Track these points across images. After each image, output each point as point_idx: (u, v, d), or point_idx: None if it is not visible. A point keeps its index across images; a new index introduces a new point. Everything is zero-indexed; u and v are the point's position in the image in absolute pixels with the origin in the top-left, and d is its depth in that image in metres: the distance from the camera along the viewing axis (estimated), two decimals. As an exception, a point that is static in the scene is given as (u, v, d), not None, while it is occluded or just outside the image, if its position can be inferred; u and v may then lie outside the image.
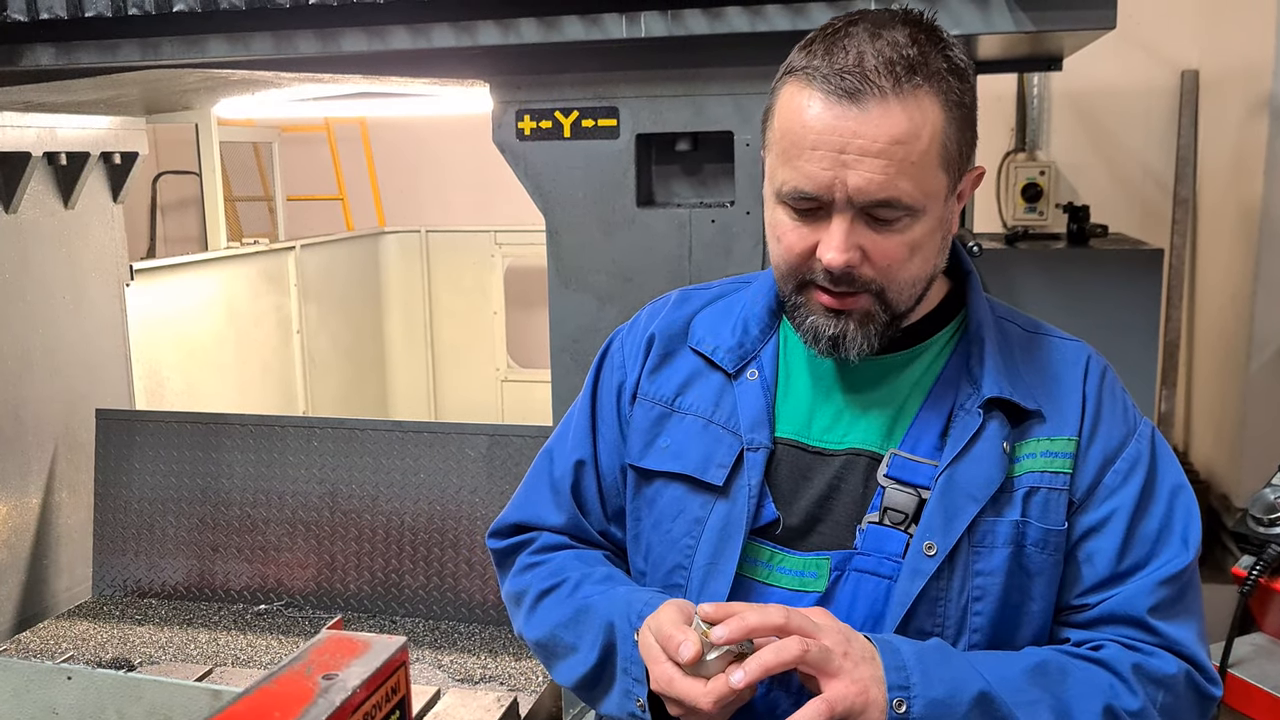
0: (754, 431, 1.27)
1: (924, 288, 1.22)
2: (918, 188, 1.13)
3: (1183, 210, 5.12)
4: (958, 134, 1.15)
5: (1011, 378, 1.24)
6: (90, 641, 2.96)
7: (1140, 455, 1.25)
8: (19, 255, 3.24)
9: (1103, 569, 1.23)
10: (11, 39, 2.27)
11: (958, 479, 1.20)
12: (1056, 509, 1.22)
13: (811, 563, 1.23)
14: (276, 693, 0.84)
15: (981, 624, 1.21)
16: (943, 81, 1.13)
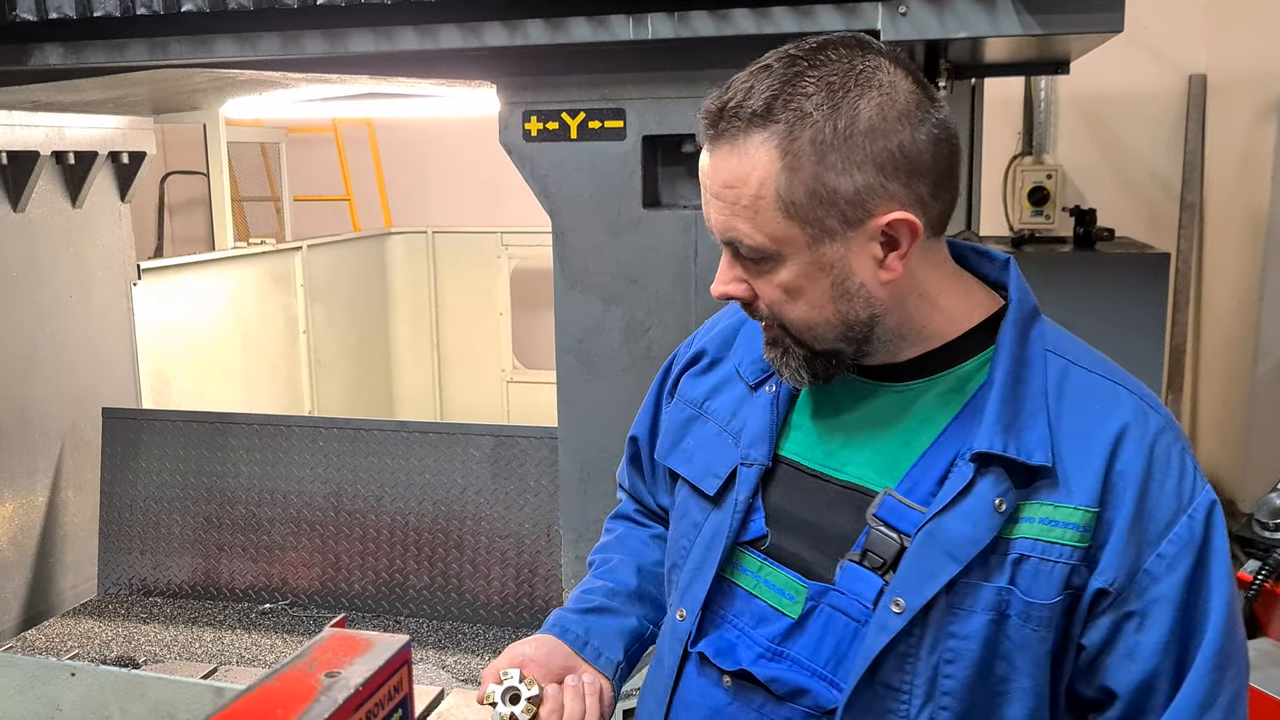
0: (753, 447, 1.27)
1: (841, 331, 1.17)
2: (759, 232, 1.12)
3: (1189, 215, 5.11)
4: (803, 182, 1.10)
5: (1023, 427, 1.13)
6: (95, 639, 2.97)
7: (1191, 537, 1.12)
8: (27, 254, 3.25)
9: (1140, 666, 1.13)
10: (20, 38, 2.28)
11: (940, 534, 1.13)
12: (1046, 582, 1.12)
13: (791, 584, 1.22)
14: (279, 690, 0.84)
15: (953, 688, 1.14)
16: (787, 124, 1.09)
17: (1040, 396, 1.15)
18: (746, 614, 1.25)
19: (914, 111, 1.11)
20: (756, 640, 1.23)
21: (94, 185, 3.45)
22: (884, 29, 1.92)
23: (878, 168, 1.10)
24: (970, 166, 3.49)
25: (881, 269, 1.14)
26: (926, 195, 1.13)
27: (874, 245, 1.13)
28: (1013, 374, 1.16)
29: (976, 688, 1.14)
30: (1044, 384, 1.16)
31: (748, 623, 1.24)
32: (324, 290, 5.43)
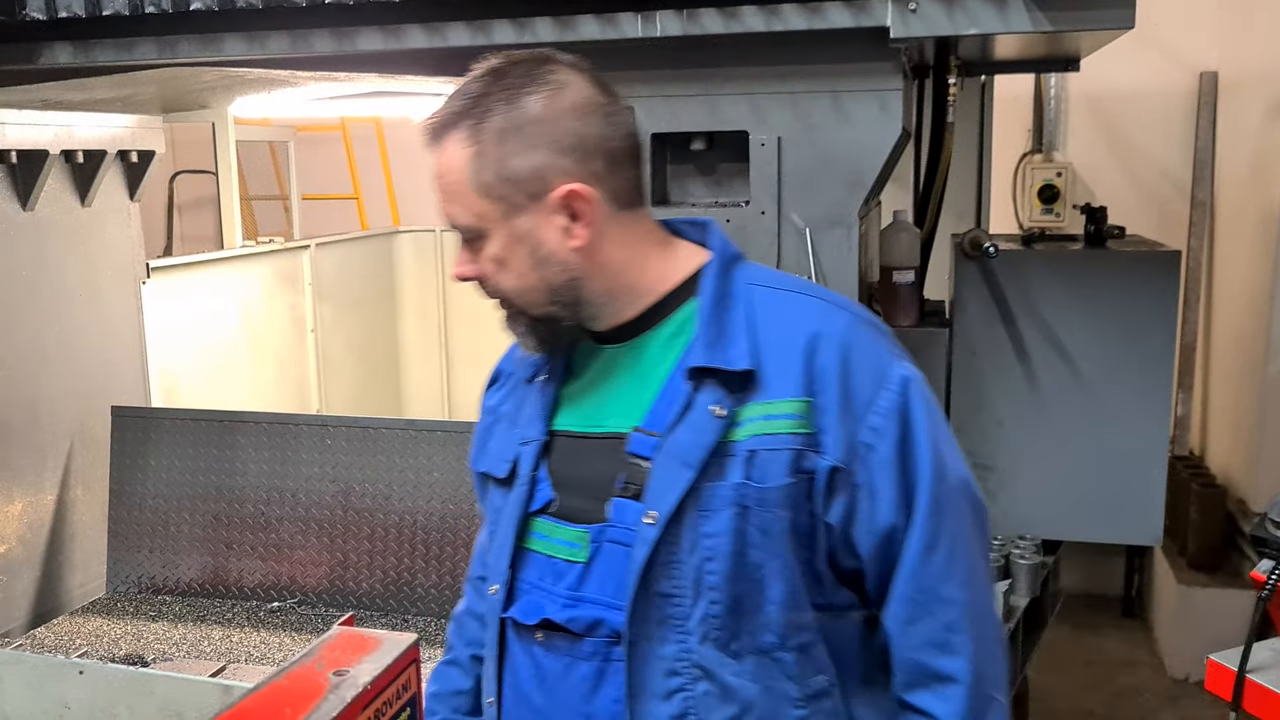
0: (529, 427, 1.46)
1: (548, 295, 1.37)
2: (465, 212, 1.35)
3: (1200, 213, 5.09)
4: (489, 165, 1.32)
5: (725, 343, 1.34)
6: (104, 638, 2.97)
7: (891, 410, 1.33)
8: (36, 253, 3.26)
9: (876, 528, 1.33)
10: (30, 37, 2.28)
11: (672, 448, 1.32)
12: (777, 468, 1.31)
13: (577, 535, 1.39)
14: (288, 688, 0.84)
15: (717, 582, 1.32)
16: (471, 123, 1.33)
17: (743, 319, 1.36)
18: (548, 574, 1.41)
19: (583, 104, 1.34)
20: (557, 593, 1.39)
21: (103, 184, 3.45)
22: (893, 25, 1.91)
23: (551, 149, 1.32)
24: (980, 164, 3.48)
25: (569, 237, 1.34)
26: (601, 171, 1.34)
27: (559, 217, 1.34)
28: (715, 304, 1.37)
29: (737, 577, 1.32)
30: (747, 310, 1.37)
31: (549, 582, 1.41)
32: (332, 289, 5.43)
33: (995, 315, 2.75)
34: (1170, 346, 2.75)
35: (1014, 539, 2.71)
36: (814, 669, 1.37)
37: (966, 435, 2.80)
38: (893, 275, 2.70)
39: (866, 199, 2.18)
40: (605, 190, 1.36)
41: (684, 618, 1.33)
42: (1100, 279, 2.75)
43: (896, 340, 1.43)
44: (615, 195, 1.37)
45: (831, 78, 2.11)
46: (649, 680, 1.34)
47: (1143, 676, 4.68)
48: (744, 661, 1.34)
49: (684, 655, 1.34)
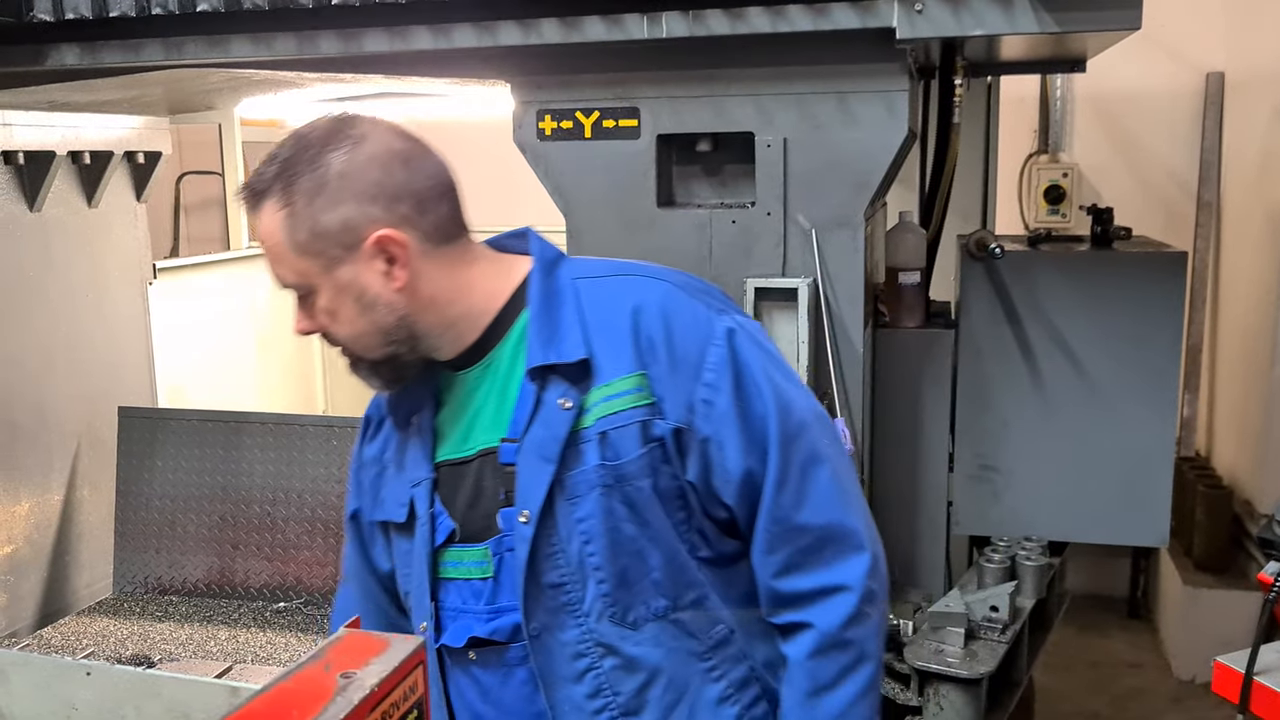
0: (415, 469, 1.52)
1: (382, 338, 1.44)
2: (289, 271, 1.42)
3: (1207, 214, 5.08)
4: (301, 224, 1.38)
5: (558, 339, 1.41)
6: (111, 638, 2.98)
7: (722, 361, 1.40)
8: (43, 253, 3.26)
9: (732, 475, 1.39)
10: (37, 39, 2.28)
11: (529, 446, 1.40)
12: (630, 441, 1.38)
13: (481, 553, 1.47)
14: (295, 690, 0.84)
15: (600, 562, 1.40)
16: (280, 189, 1.39)
17: (572, 313, 1.43)
18: (468, 596, 1.48)
19: (383, 154, 1.41)
20: (479, 611, 1.47)
21: (110, 185, 3.46)
22: (900, 26, 1.91)
23: (358, 201, 1.39)
24: (986, 165, 3.47)
25: (390, 280, 1.41)
26: (410, 213, 1.42)
27: (377, 263, 1.40)
28: (543, 305, 1.44)
29: (617, 553, 1.40)
30: (575, 304, 1.44)
31: (471, 603, 1.48)
32: (338, 289, 5.42)
33: (1001, 316, 2.75)
34: (1176, 348, 2.74)
35: (1020, 540, 2.70)
36: (711, 621, 1.45)
37: (972, 436, 2.80)
38: (898, 276, 2.70)
39: (872, 200, 2.18)
40: (417, 231, 1.42)
41: (578, 602, 1.41)
42: (1106, 280, 2.74)
43: (724, 296, 1.53)
44: (429, 234, 1.44)
45: (837, 79, 2.11)
46: (558, 667, 1.43)
47: (1148, 678, 4.67)
48: (643, 630, 1.42)
49: (585, 637, 1.42)
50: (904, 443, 2.71)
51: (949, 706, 2.32)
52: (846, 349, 2.21)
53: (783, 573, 1.42)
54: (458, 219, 1.51)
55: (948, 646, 2.36)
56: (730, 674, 1.47)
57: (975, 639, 2.40)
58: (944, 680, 2.32)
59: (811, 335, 2.15)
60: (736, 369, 1.40)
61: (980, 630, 2.42)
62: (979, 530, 2.87)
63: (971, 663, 2.32)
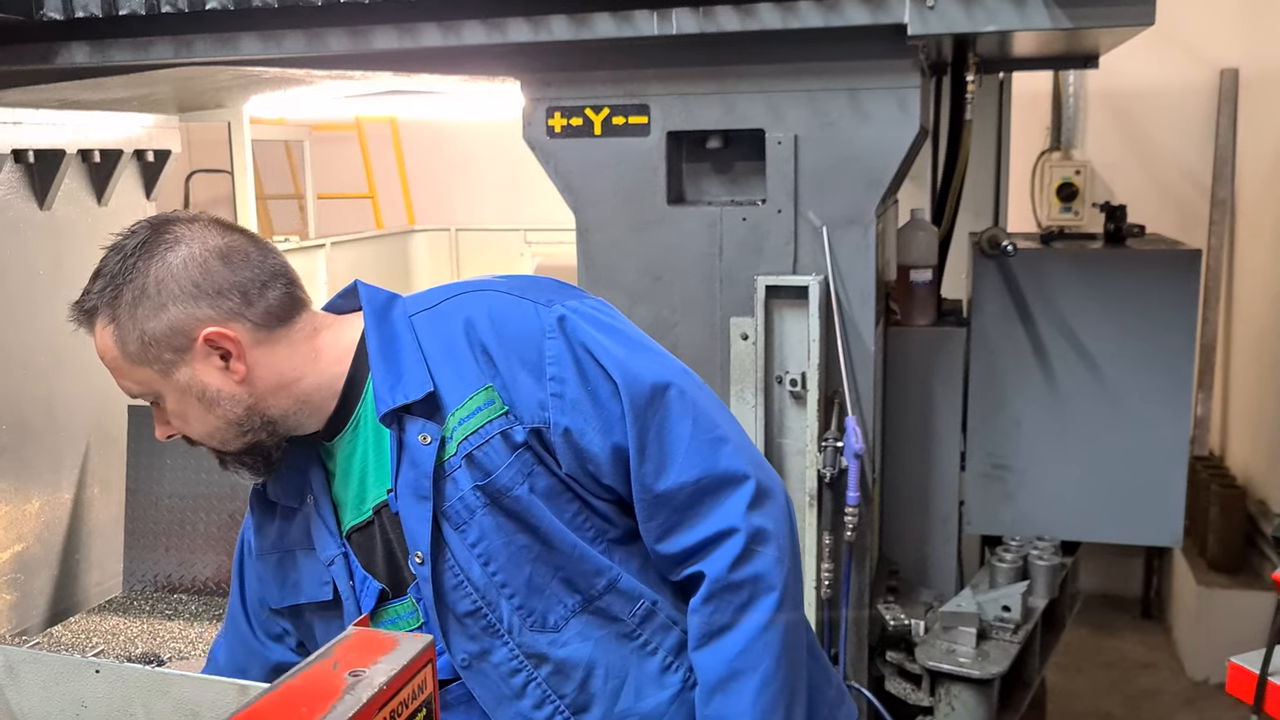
0: (325, 548, 1.51)
1: (236, 429, 1.45)
2: (133, 383, 1.45)
3: (1220, 211, 5.05)
4: (130, 335, 1.41)
5: (404, 378, 1.42)
6: (120, 636, 2.98)
7: (559, 353, 1.40)
8: (53, 252, 3.27)
9: (598, 454, 1.40)
10: (47, 37, 2.29)
11: (404, 490, 1.41)
12: (497, 451, 1.40)
13: (409, 604, 1.48)
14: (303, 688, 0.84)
15: (505, 578, 1.41)
16: (110, 307, 1.42)
17: (413, 350, 1.44)
18: None
19: (199, 255, 1.42)
20: None
21: (119, 183, 3.46)
22: (911, 22, 1.90)
23: (181, 303, 1.40)
24: (998, 162, 3.46)
25: (230, 373, 1.43)
26: (237, 305, 1.42)
27: (213, 359, 1.42)
28: (381, 351, 1.45)
29: (518, 564, 1.41)
30: (412, 340, 1.45)
31: None
32: (348, 288, 5.44)
33: (1013, 314, 2.74)
34: (1190, 346, 2.73)
35: (1032, 540, 2.69)
36: (630, 599, 1.45)
37: (984, 435, 2.79)
38: (910, 274, 2.69)
39: (884, 197, 2.17)
40: (247, 321, 1.43)
41: (497, 623, 1.43)
42: (1119, 278, 2.73)
43: (557, 285, 1.51)
44: (260, 322, 1.44)
45: (849, 75, 2.10)
46: (498, 688, 1.45)
47: (1162, 679, 4.65)
48: (566, 630, 1.44)
49: (515, 653, 1.44)
50: (915, 442, 2.70)
51: (960, 707, 2.31)
52: (857, 347, 2.20)
53: (664, 536, 1.42)
54: (292, 298, 1.50)
55: (959, 646, 2.35)
56: (664, 643, 1.47)
57: (987, 639, 2.39)
58: (955, 680, 2.31)
59: (822, 333, 2.14)
60: (575, 355, 1.41)
61: (992, 630, 2.41)
62: (991, 530, 2.86)
63: (983, 663, 2.31)
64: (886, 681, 2.45)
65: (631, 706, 1.46)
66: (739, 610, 1.39)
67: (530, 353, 1.41)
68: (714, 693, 1.39)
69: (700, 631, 1.41)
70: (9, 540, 3.16)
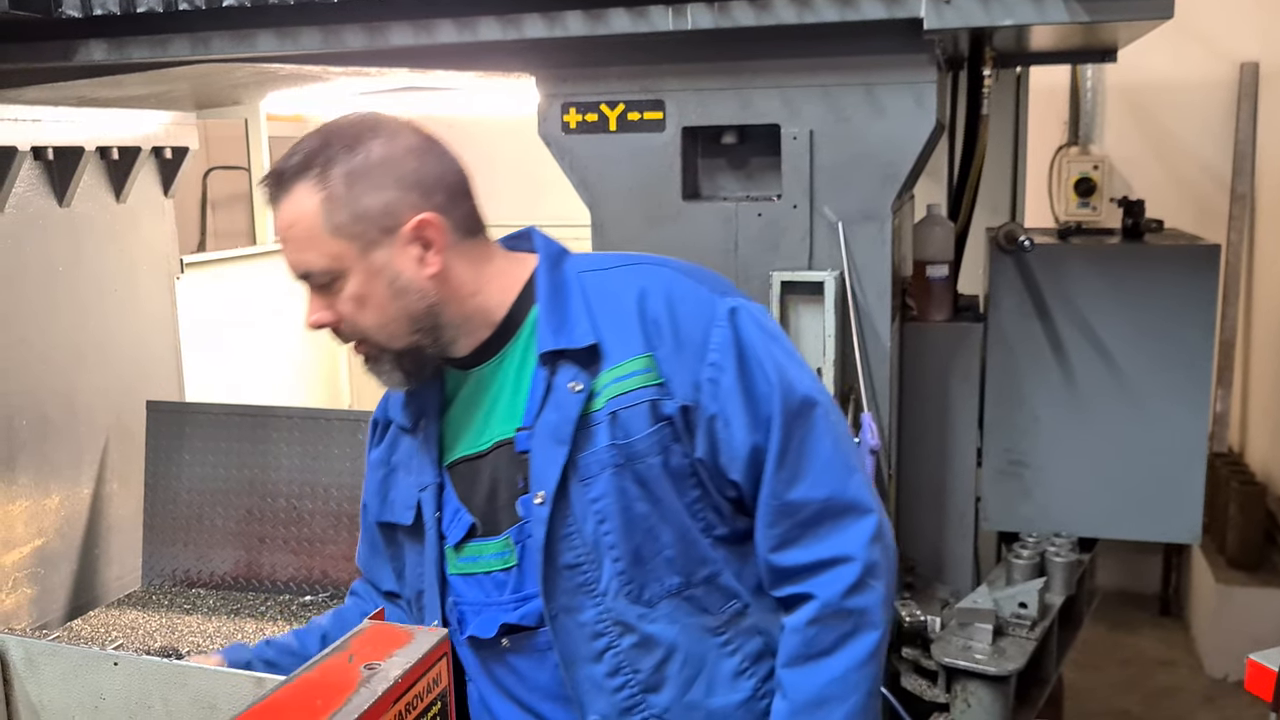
0: (423, 473, 1.56)
1: (410, 324, 1.46)
2: (321, 256, 1.43)
3: (1240, 206, 5.02)
4: (343, 207, 1.41)
5: (568, 326, 1.45)
6: (139, 630, 3.00)
7: (724, 342, 1.43)
8: (72, 248, 3.29)
9: (737, 452, 1.42)
10: (65, 35, 2.30)
11: (542, 430, 1.44)
12: (641, 419, 1.42)
13: (503, 544, 1.50)
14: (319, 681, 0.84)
15: (615, 540, 1.43)
16: (318, 171, 1.42)
17: (580, 303, 1.47)
18: (491, 589, 1.51)
19: (417, 146, 1.47)
20: (505, 602, 1.50)
21: (137, 180, 3.48)
22: (927, 17, 1.89)
23: (397, 187, 1.43)
24: (1015, 157, 3.44)
25: (424, 265, 1.45)
26: (444, 203, 1.47)
27: (413, 248, 1.44)
28: (550, 296, 1.48)
29: (630, 531, 1.42)
30: (582, 296, 1.48)
31: (495, 595, 1.51)
32: (364, 284, 5.45)
33: (1031, 310, 2.72)
34: (1209, 342, 2.71)
35: (1050, 536, 2.68)
36: (724, 596, 1.48)
37: (1001, 431, 2.78)
38: (926, 269, 2.68)
39: (900, 192, 2.16)
40: (450, 220, 1.48)
41: (594, 582, 1.44)
42: (1138, 273, 2.71)
43: (726, 281, 1.57)
44: (458, 224, 1.49)
45: (864, 70, 2.09)
46: (578, 647, 1.46)
47: (1180, 676, 4.62)
48: (658, 607, 1.45)
49: (603, 616, 1.45)
50: (932, 438, 2.69)
51: (977, 704, 2.30)
52: (873, 343, 2.20)
53: (781, 547, 1.44)
54: (478, 216, 1.56)
55: (976, 643, 2.35)
56: (745, 647, 1.49)
57: (1004, 636, 2.38)
58: (972, 677, 2.31)
59: (838, 329, 2.13)
60: (740, 348, 1.43)
61: (1009, 627, 2.40)
62: (1008, 526, 2.85)
63: (1000, 660, 2.30)
64: (902, 678, 2.44)
65: (700, 700, 1.48)
66: (842, 639, 1.41)
67: (697, 335, 1.44)
68: (801, 714, 1.41)
69: (798, 651, 1.43)
70: (29, 535, 3.18)
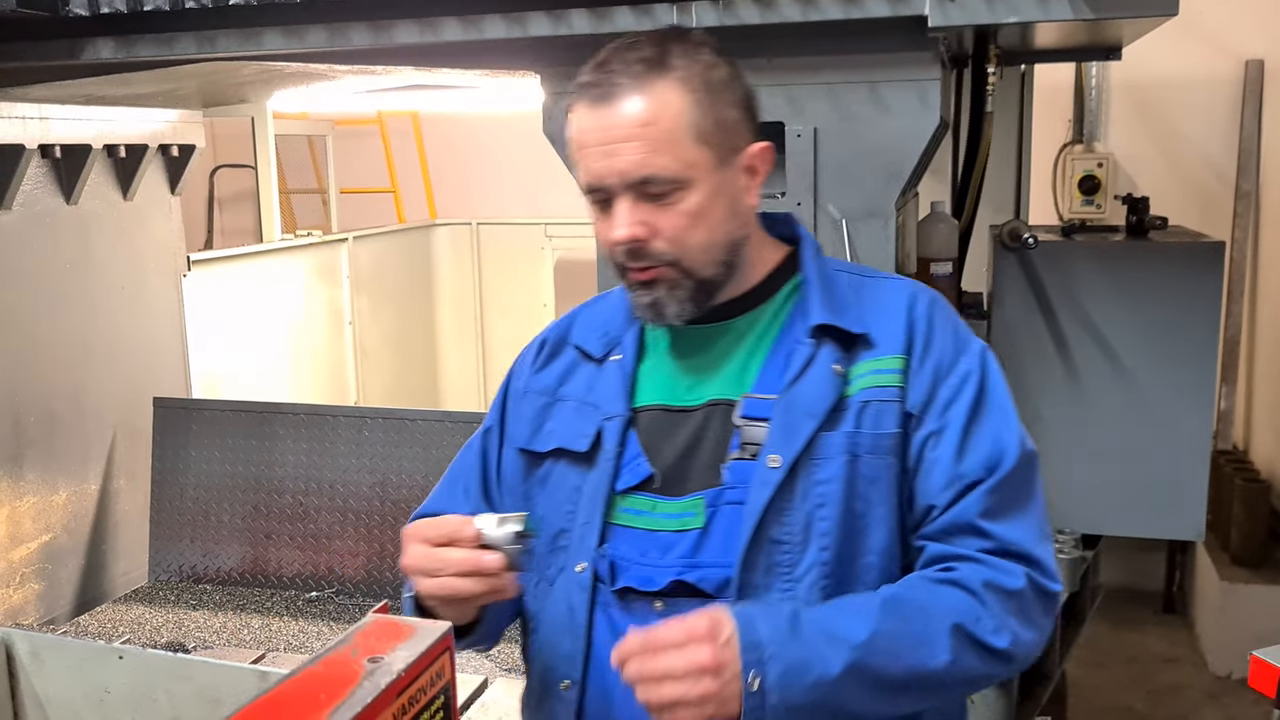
0: (611, 404, 1.45)
1: (725, 252, 1.39)
2: (675, 160, 1.32)
3: (1245, 204, 5.01)
4: (708, 112, 1.33)
5: (838, 310, 1.41)
6: (146, 625, 3.02)
7: (971, 371, 1.40)
8: (80, 246, 3.30)
9: (945, 470, 1.36)
10: (73, 33, 2.31)
11: (794, 400, 1.37)
12: (888, 417, 1.37)
13: (689, 504, 1.39)
14: (322, 674, 0.85)
15: (828, 529, 1.35)
16: (682, 70, 1.33)
17: (849, 292, 1.45)
18: (650, 548, 1.40)
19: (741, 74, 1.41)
20: (669, 564, 1.38)
21: (145, 178, 3.49)
22: (932, 14, 1.89)
23: (741, 108, 1.38)
24: (1019, 155, 3.44)
25: (747, 193, 1.40)
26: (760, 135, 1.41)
27: (743, 175, 1.39)
28: (820, 276, 1.45)
29: (844, 525, 1.35)
30: (850, 286, 1.46)
31: (654, 556, 1.39)
32: (369, 281, 5.47)
33: (1035, 307, 2.72)
34: (1213, 339, 2.71)
35: (1053, 533, 2.68)
36: None
37: (1005, 428, 2.77)
38: (930, 267, 2.68)
39: (904, 190, 2.16)
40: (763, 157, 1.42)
41: (792, 565, 1.35)
42: (1142, 271, 2.71)
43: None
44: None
45: (869, 68, 2.09)
46: None
47: (1184, 673, 4.62)
48: None
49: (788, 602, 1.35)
50: (935, 434, 2.69)
51: (980, 700, 2.31)
52: (877, 340, 2.20)
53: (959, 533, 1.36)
54: None
55: (979, 639, 2.35)
56: None
57: (1007, 632, 2.38)
58: (975, 673, 2.31)
59: (842, 326, 2.13)
60: (981, 384, 1.40)
61: (1012, 623, 2.40)
62: (1011, 523, 2.84)
63: (1003, 656, 2.30)
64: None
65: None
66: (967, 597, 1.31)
67: (946, 356, 1.41)
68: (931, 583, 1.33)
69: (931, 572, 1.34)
70: (37, 531, 3.20)
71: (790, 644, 1.22)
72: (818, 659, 1.23)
